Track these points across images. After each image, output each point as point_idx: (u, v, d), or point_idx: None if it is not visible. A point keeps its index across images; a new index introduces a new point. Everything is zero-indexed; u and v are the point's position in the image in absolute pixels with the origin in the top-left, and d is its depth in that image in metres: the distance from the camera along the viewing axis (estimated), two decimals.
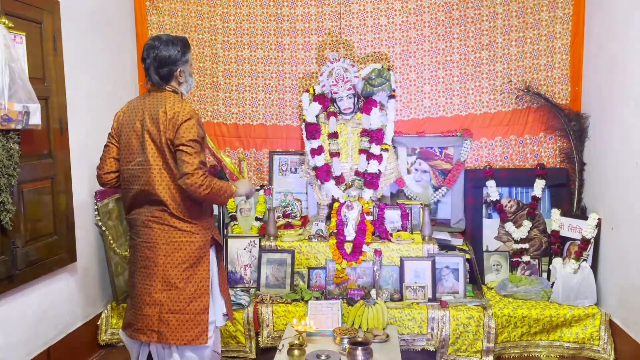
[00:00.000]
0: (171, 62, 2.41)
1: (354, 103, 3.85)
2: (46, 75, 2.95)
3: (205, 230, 2.47)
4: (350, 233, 3.59)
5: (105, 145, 2.55)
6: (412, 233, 3.74)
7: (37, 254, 2.87)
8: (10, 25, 2.53)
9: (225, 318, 2.62)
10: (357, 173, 3.81)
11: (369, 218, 3.67)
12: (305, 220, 4.04)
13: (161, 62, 2.39)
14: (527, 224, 3.82)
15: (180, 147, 2.31)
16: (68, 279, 3.23)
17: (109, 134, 2.54)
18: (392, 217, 3.80)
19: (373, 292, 3.41)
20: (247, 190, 2.70)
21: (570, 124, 3.79)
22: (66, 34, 3.13)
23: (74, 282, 3.29)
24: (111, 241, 3.42)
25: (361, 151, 3.81)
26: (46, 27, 2.94)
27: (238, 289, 3.57)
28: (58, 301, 3.13)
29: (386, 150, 3.80)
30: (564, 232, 3.66)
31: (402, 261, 3.50)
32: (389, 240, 3.62)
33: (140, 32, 4.13)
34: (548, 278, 3.65)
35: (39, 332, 2.96)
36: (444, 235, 3.78)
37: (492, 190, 3.88)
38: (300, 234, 3.78)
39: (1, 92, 2.42)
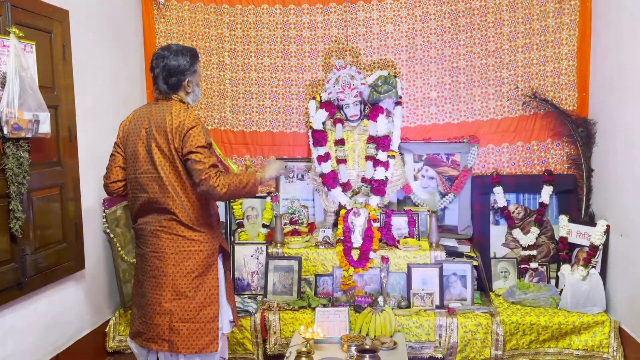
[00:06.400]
0: (180, 72, 2.42)
1: (360, 110, 3.86)
2: (55, 84, 2.98)
3: (213, 239, 2.48)
4: (357, 240, 3.59)
5: (111, 155, 2.56)
6: (419, 240, 3.74)
7: (46, 261, 2.88)
8: (20, 34, 2.56)
9: (231, 325, 2.63)
10: (363, 180, 3.82)
11: (375, 225, 3.67)
12: (312, 227, 4.04)
13: (170, 72, 2.41)
14: (534, 230, 3.80)
15: (190, 156, 2.32)
16: (76, 286, 3.25)
17: (115, 143, 2.56)
18: (399, 223, 3.80)
19: (380, 299, 3.41)
20: (275, 171, 2.69)
21: (578, 130, 3.78)
22: (75, 43, 3.17)
23: (82, 289, 3.31)
24: (119, 248, 3.43)
25: (368, 158, 3.81)
26: (56, 37, 2.97)
27: (245, 296, 3.57)
28: (66, 308, 3.15)
29: (393, 156, 3.80)
30: (572, 239, 3.64)
31: (409, 268, 3.49)
32: (396, 247, 3.61)
33: (148, 40, 4.17)
34: (556, 285, 3.63)
35: (48, 339, 2.98)
36: (451, 242, 3.77)
37: (499, 196, 3.87)
38: (307, 241, 3.78)
39: (11, 100, 2.45)
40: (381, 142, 3.78)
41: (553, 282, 3.70)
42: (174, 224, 2.39)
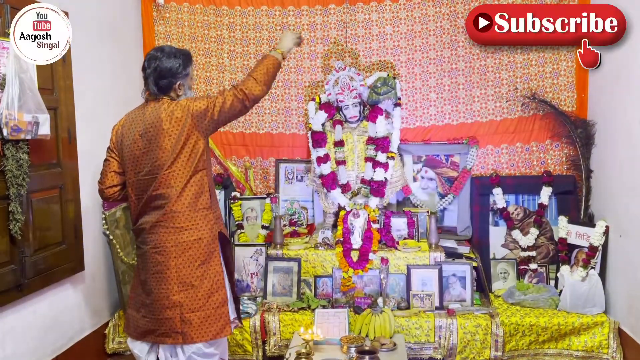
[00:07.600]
0: (171, 75, 2.41)
1: (359, 111, 3.86)
2: (55, 86, 2.98)
3: (212, 226, 2.47)
4: (356, 241, 3.59)
5: (105, 159, 2.55)
6: (418, 241, 3.74)
7: (46, 262, 2.88)
8: None
9: (232, 325, 2.62)
10: (363, 181, 3.82)
11: (375, 226, 3.67)
12: (311, 229, 4.05)
13: (161, 74, 2.40)
14: (534, 231, 3.80)
15: (213, 111, 2.40)
16: (76, 287, 3.25)
17: (108, 147, 2.54)
18: (399, 224, 3.80)
19: (380, 301, 3.41)
20: (292, 42, 2.71)
21: (577, 131, 3.78)
22: (75, 45, 3.15)
23: (82, 290, 3.31)
24: (118, 249, 3.43)
25: (367, 159, 3.81)
26: None
27: (245, 298, 3.56)
28: (66, 310, 3.15)
29: (392, 158, 3.80)
30: (572, 240, 3.64)
31: (408, 269, 3.49)
32: (396, 248, 3.61)
33: (147, 42, 4.17)
34: (556, 286, 3.63)
35: (47, 341, 2.98)
36: (450, 243, 3.77)
37: (498, 197, 3.87)
38: (306, 242, 3.79)
39: (11, 102, 2.46)
40: (380, 143, 3.78)
41: (552, 283, 3.70)
42: (170, 217, 2.39)
